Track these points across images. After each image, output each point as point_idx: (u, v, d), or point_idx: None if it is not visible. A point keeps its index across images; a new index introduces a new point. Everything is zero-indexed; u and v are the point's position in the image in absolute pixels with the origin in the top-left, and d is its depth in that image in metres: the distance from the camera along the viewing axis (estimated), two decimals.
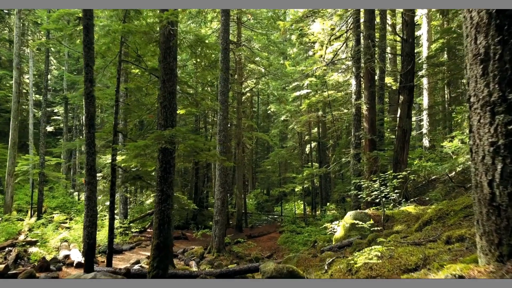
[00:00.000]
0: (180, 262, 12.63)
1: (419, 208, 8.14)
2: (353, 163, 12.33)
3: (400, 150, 11.80)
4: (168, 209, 6.58)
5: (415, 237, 4.55)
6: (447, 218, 5.10)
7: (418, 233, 4.87)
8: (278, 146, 33.07)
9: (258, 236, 19.18)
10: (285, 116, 25.04)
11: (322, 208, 21.81)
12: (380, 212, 8.32)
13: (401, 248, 3.68)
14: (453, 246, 3.22)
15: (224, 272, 7.76)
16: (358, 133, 12.43)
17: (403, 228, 6.97)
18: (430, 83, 21.75)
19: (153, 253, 6.39)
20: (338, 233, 8.57)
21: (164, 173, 6.60)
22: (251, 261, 13.70)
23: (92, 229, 7.86)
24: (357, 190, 10.64)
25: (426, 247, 3.55)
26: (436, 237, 4.01)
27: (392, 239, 4.88)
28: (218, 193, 13.84)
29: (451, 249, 3.14)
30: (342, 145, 21.57)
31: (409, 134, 12.00)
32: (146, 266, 10.71)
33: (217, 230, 13.67)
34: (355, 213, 8.28)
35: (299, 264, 6.77)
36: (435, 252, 3.19)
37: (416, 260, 3.14)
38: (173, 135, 6.34)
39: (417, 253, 3.32)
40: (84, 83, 7.98)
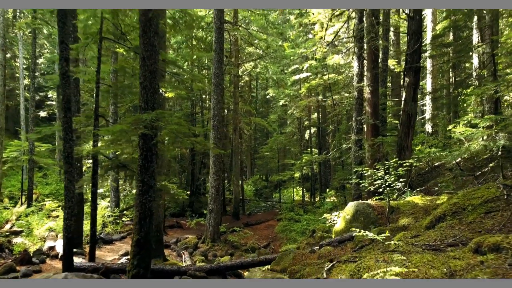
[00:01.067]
0: (172, 252, 12.08)
1: (426, 198, 7.49)
2: (354, 150, 11.65)
3: (404, 136, 11.09)
4: (149, 201, 5.92)
5: (429, 237, 3.90)
6: (463, 214, 4.44)
7: (432, 232, 4.21)
8: (277, 132, 32.35)
9: (255, 224, 18.66)
10: (284, 100, 24.24)
11: (322, 195, 21.25)
12: (384, 203, 7.68)
13: (417, 256, 3.03)
14: (486, 259, 2.57)
15: (214, 267, 7.17)
16: (360, 117, 11.70)
17: (410, 221, 6.32)
18: (434, 66, 20.92)
19: (133, 250, 5.77)
20: (338, 225, 7.96)
21: (145, 161, 5.91)
22: (247, 251, 13.18)
23: (70, 221, 7.21)
24: (359, 179, 10.00)
25: (448, 256, 2.89)
26: (457, 240, 3.34)
27: (402, 239, 4.23)
28: (212, 181, 13.21)
29: (484, 263, 2.49)
30: (342, 131, 20.85)
31: (415, 119, 11.28)
32: None
33: (212, 219, 13.10)
34: (357, 204, 7.64)
35: (294, 262, 6.16)
36: (462, 265, 2.54)
37: (439, 275, 2.49)
38: (154, 119, 5.63)
39: (438, 264, 2.66)
40: (59, 62, 7.21)
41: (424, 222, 5.27)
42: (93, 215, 8.06)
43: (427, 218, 5.09)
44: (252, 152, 35.72)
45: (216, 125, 13.14)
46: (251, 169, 37.44)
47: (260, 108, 42.94)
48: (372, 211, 7.33)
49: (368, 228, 7.13)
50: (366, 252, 5.17)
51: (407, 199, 7.84)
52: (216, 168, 13.12)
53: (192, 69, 23.34)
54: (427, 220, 4.97)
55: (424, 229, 4.86)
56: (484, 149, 6.52)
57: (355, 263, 3.77)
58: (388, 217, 6.69)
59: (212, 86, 13.24)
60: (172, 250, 12.29)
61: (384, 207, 7.44)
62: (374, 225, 7.11)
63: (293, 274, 5.46)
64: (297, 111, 22.89)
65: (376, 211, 7.37)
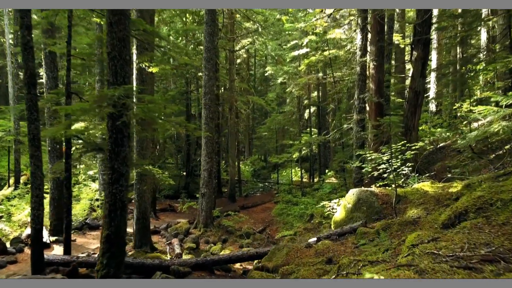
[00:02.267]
0: (162, 239, 11.43)
1: (437, 185, 6.71)
2: (356, 131, 10.80)
3: (411, 115, 10.24)
4: (121, 191, 5.12)
5: (452, 243, 3.10)
6: (491, 212, 3.65)
7: (454, 234, 3.42)
8: (276, 111, 31.36)
9: (252, 206, 18.02)
10: (282, 78, 23.17)
11: (321, 177, 20.55)
12: (389, 190, 6.90)
13: (445, 279, 2.25)
14: None
15: (200, 262, 6.47)
16: (362, 95, 10.79)
17: (420, 214, 5.55)
18: (441, 40, 19.80)
19: (102, 247, 5.02)
20: (338, 214, 7.21)
21: (115, 145, 5.08)
22: (241, 237, 12.55)
23: (39, 211, 6.46)
24: (361, 163, 9.20)
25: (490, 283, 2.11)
26: (494, 252, 2.55)
27: (416, 242, 3.44)
28: (204, 164, 12.42)
29: None
30: (343, 110, 19.93)
31: (422, 97, 10.40)
32: None
33: (204, 204, 12.39)
34: (359, 192, 6.86)
35: (288, 259, 5.43)
36: None
37: None
38: (122, 96, 4.76)
39: None
40: (20, 31, 6.27)
41: (440, 217, 4.49)
42: (67, 203, 7.30)
43: (444, 213, 4.30)
44: (250, 132, 34.85)
45: (208, 104, 12.24)
46: (250, 149, 36.69)
47: (259, 86, 41.79)
48: (376, 200, 6.56)
49: (371, 219, 6.39)
50: (371, 252, 4.41)
51: (415, 186, 7.06)
52: (208, 150, 12.30)
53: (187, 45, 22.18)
54: (444, 215, 4.18)
55: (441, 227, 4.08)
56: (509, 131, 5.68)
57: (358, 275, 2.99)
58: (395, 207, 5.92)
59: (203, 61, 12.25)
60: (162, 236, 11.64)
61: (389, 195, 6.67)
62: (378, 216, 6.36)
63: (286, 276, 4.73)
64: (296, 89, 21.89)
65: (380, 199, 6.60)
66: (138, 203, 9.49)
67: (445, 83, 22.76)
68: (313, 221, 13.28)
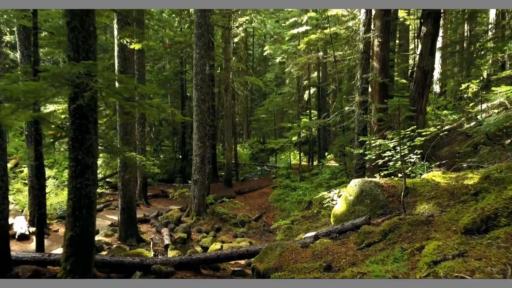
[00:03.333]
0: (151, 228, 10.82)
1: (449, 176, 5.99)
2: (358, 113, 10.00)
3: (418, 96, 9.44)
4: (87, 186, 4.41)
5: (487, 262, 2.40)
6: None
7: (485, 247, 2.71)
8: (275, 93, 30.42)
9: (249, 191, 17.40)
10: (281, 57, 22.16)
11: (320, 161, 19.88)
12: (395, 181, 6.19)
13: None
14: None
15: (185, 260, 5.83)
16: (365, 75, 9.95)
17: (433, 210, 4.85)
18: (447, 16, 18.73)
19: (66, 250, 4.35)
20: (339, 207, 6.52)
21: (78, 132, 4.33)
22: (235, 225, 11.96)
23: (3, 205, 5.77)
24: (364, 150, 8.47)
25: None
26: None
27: (438, 258, 2.74)
28: (196, 149, 11.69)
29: None
30: (344, 91, 19.07)
31: (431, 76, 9.58)
32: (104, 238, 8.86)
33: (197, 191, 11.74)
34: (362, 183, 6.15)
35: (281, 262, 4.76)
36: None
37: None
38: (82, 74, 3.97)
39: None
40: None
41: (459, 217, 3.79)
42: (39, 195, 6.59)
43: (466, 215, 3.58)
44: (248, 114, 34.00)
45: (199, 84, 11.40)
46: (248, 132, 35.92)
47: (257, 66, 40.69)
48: (380, 193, 5.86)
49: (375, 214, 5.70)
50: (377, 260, 3.73)
51: (425, 176, 6.35)
52: (200, 134, 11.55)
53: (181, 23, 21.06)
54: (467, 218, 3.46)
55: (463, 233, 3.37)
56: None
57: None
58: (403, 202, 5.21)
59: (194, 39, 11.35)
60: (151, 225, 11.03)
61: (396, 187, 5.96)
62: (383, 210, 5.67)
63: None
64: (295, 69, 20.90)
65: (386, 192, 5.90)
66: (123, 192, 8.81)
67: (451, 63, 21.80)
68: (311, 208, 12.68)
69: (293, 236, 10.01)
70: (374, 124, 9.80)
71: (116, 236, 9.03)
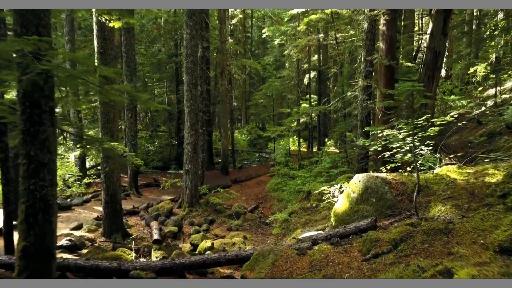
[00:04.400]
0: (140, 221, 10.20)
1: (466, 171, 5.29)
2: (362, 99, 9.23)
3: (428, 80, 8.67)
4: (43, 187, 3.71)
5: None
6: None
7: None
8: (274, 77, 29.49)
9: (245, 180, 16.77)
10: (280, 39, 21.15)
11: (320, 149, 19.18)
12: (404, 176, 5.48)
13: None
14: None
15: (167, 265, 5.19)
16: (370, 57, 9.12)
17: (450, 213, 4.16)
18: None
19: (18, 263, 3.69)
20: (340, 204, 5.84)
21: (29, 124, 3.60)
22: (230, 217, 11.36)
23: None
24: (366, 139, 7.75)
25: None
26: None
27: None
28: (188, 137, 10.97)
29: None
30: (345, 75, 18.21)
31: (442, 58, 8.77)
32: (87, 234, 8.24)
33: (189, 181, 11.07)
34: (367, 179, 5.45)
35: (274, 272, 4.11)
36: None
37: None
38: (25, 54, 3.22)
39: None
40: None
41: (492, 231, 3.10)
42: (5, 190, 5.90)
43: (501, 229, 2.89)
44: (247, 99, 33.12)
45: (190, 68, 10.59)
46: (246, 117, 35.09)
47: (256, 49, 39.61)
48: (388, 190, 5.16)
49: (382, 215, 5.03)
50: (387, 272, 3.06)
51: (438, 171, 5.64)
52: (192, 120, 10.80)
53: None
54: (503, 233, 2.77)
55: (498, 251, 2.68)
56: None
57: None
58: (415, 203, 4.52)
59: (185, 18, 10.47)
60: (141, 218, 10.40)
61: (405, 183, 5.26)
62: (391, 211, 4.99)
63: None
64: (294, 52, 19.96)
65: (394, 189, 5.20)
66: (106, 185, 8.14)
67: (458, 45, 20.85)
68: (310, 198, 12.06)
69: (290, 230, 9.40)
70: (378, 110, 9.04)
71: (100, 231, 8.40)
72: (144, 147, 22.82)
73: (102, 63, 7.77)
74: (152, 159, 20.78)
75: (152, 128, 25.32)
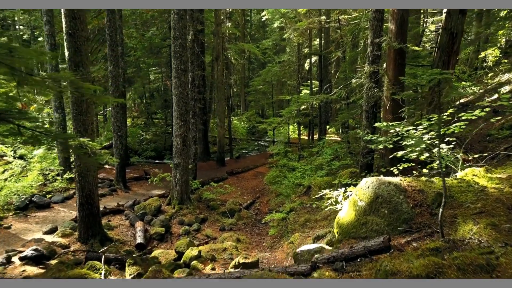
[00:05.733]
0: (124, 221, 9.37)
1: (497, 175, 4.38)
2: (368, 87, 8.25)
3: (443, 66, 7.65)
4: None
5: None
6: None
7: None
8: (275, 62, 28.38)
9: (242, 172, 15.93)
10: (279, 22, 19.97)
11: (321, 138, 18.25)
12: (423, 182, 4.57)
13: None
14: None
15: None
16: (378, 39, 8.10)
17: (485, 235, 3.26)
18: None
19: None
20: (345, 213, 4.95)
21: None
22: (224, 214, 10.54)
23: None
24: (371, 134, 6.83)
25: None
26: None
27: None
28: (177, 128, 10.04)
29: None
30: (348, 60, 17.14)
31: (459, 40, 7.73)
32: (61, 239, 7.42)
33: (178, 176, 10.20)
34: (377, 184, 4.55)
35: None
36: None
37: None
38: None
39: None
40: None
41: None
42: None
43: None
44: (246, 84, 32.05)
45: (179, 52, 9.59)
46: (245, 104, 34.07)
47: (256, 33, 38.31)
48: (404, 200, 4.27)
49: (397, 230, 4.15)
50: None
51: (461, 174, 4.73)
52: (181, 110, 9.86)
53: None
54: None
55: None
56: None
57: None
58: (441, 221, 3.61)
59: None
60: (125, 217, 9.56)
61: (424, 191, 4.35)
62: (407, 226, 4.10)
63: None
64: (295, 35, 18.82)
65: (410, 199, 4.30)
66: (80, 185, 7.26)
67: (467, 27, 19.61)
68: (310, 192, 11.21)
69: (288, 232, 8.57)
70: (387, 99, 8.07)
71: (77, 235, 7.57)
72: (138, 135, 21.94)
73: (72, 46, 6.79)
74: (146, 149, 19.91)
75: (146, 115, 24.35)
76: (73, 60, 6.87)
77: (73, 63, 6.88)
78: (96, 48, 14.89)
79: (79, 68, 6.89)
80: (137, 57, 18.28)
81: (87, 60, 7.07)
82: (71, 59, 6.86)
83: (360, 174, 8.37)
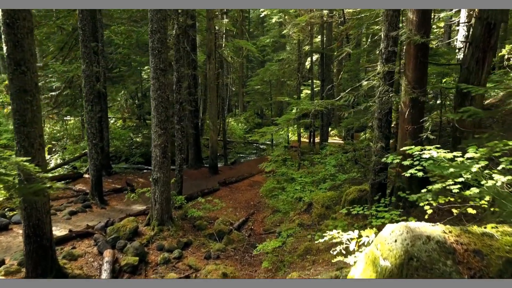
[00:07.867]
0: (92, 248, 7.94)
1: None
2: (382, 90, 6.80)
3: (476, 65, 6.24)
4: None
5: None
6: None
7: None
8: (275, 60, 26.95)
9: (236, 181, 14.50)
10: (278, 17, 18.53)
11: (322, 143, 16.81)
12: (476, 237, 3.12)
13: None
14: None
15: None
16: (395, 32, 6.65)
17: None
18: None
19: None
20: (360, 274, 3.51)
21: None
22: (211, 237, 9.11)
23: None
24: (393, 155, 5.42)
25: None
26: None
27: None
28: (155, 137, 8.61)
29: None
30: (354, 58, 15.70)
31: (498, 33, 6.30)
32: (4, 278, 6.01)
33: (158, 193, 8.78)
34: (409, 238, 3.12)
35: None
36: None
37: None
38: None
39: None
40: None
41: None
42: None
43: None
44: (244, 84, 30.61)
45: (157, 48, 8.15)
46: (243, 104, 32.63)
47: (255, 30, 36.88)
48: (453, 269, 2.84)
49: None
50: None
51: None
52: (160, 117, 8.43)
53: None
54: None
55: None
56: None
57: None
58: None
59: None
60: (94, 242, 8.12)
61: (482, 253, 2.92)
62: None
63: None
64: (295, 31, 17.37)
65: (463, 266, 2.86)
66: (26, 213, 5.86)
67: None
68: (312, 211, 9.82)
69: (284, 265, 7.14)
70: (405, 106, 6.63)
71: (24, 273, 6.16)
72: (128, 138, 20.57)
73: (11, 39, 5.38)
74: (135, 153, 18.51)
75: (136, 116, 22.94)
76: (13, 57, 5.46)
77: (12, 61, 5.47)
78: (75, 45, 13.49)
79: (20, 67, 5.48)
80: (124, 54, 16.85)
81: (32, 58, 5.65)
82: (10, 55, 5.45)
83: (372, 197, 6.93)
